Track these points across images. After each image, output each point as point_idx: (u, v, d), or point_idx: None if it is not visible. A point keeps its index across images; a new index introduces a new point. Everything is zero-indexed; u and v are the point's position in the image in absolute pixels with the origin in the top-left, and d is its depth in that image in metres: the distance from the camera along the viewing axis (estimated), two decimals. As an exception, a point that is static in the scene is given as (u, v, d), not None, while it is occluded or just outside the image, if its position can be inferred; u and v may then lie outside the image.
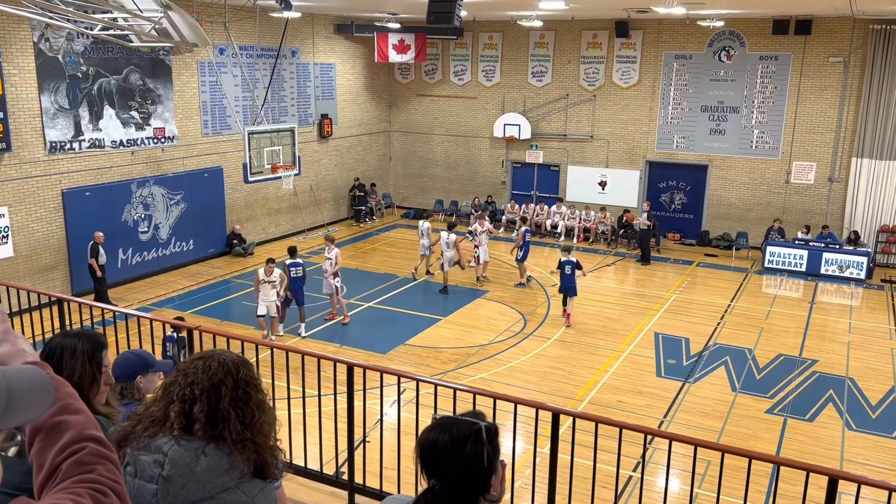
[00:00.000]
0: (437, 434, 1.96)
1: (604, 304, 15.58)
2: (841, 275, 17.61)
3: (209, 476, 1.90)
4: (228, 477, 1.92)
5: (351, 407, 5.60)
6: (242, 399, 2.02)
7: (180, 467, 1.89)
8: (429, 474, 1.97)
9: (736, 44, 19.51)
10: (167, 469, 1.90)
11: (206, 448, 1.93)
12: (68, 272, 14.96)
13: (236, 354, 2.13)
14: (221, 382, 2.00)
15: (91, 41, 14.67)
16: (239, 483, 1.94)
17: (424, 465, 1.97)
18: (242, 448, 1.97)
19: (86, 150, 15.09)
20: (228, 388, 2.00)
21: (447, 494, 1.94)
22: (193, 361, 2.06)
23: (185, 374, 2.02)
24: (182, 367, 2.07)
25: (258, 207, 19.82)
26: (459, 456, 1.92)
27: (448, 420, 2.00)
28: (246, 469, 1.97)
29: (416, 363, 12.16)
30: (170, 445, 1.93)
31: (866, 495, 4.34)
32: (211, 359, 2.05)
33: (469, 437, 1.94)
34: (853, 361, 12.66)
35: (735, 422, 10.40)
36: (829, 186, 19.24)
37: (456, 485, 1.93)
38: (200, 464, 1.90)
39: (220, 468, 1.92)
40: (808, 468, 4.28)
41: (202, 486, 1.89)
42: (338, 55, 21.95)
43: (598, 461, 4.82)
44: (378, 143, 24.31)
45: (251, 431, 2.00)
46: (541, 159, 22.48)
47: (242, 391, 2.03)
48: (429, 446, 1.96)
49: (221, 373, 2.01)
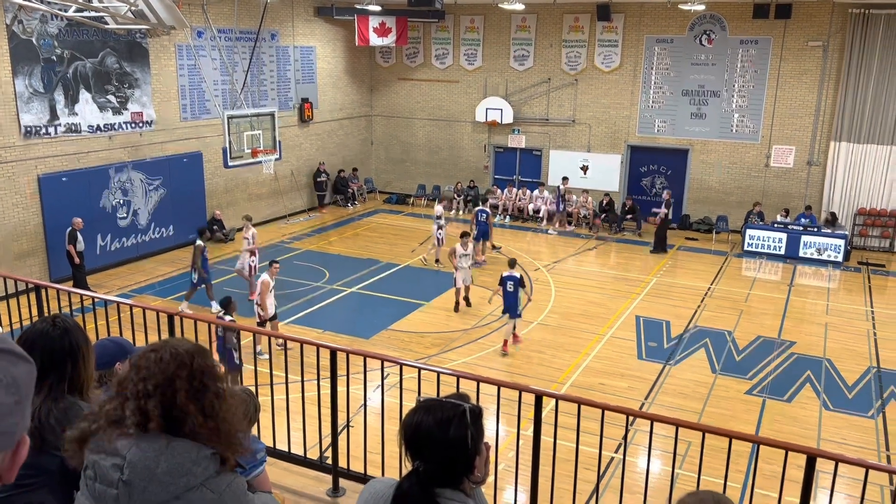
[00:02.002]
0: (422, 416, 1.96)
1: (586, 287, 15.66)
2: (819, 257, 17.83)
3: (171, 477, 1.82)
4: (192, 476, 1.84)
5: (334, 392, 5.59)
6: (199, 390, 1.92)
7: (140, 470, 1.81)
8: (413, 456, 1.97)
9: (717, 28, 19.56)
10: (126, 473, 1.82)
11: (168, 448, 1.85)
12: (46, 259, 14.78)
13: (190, 343, 2.02)
14: (175, 375, 1.90)
15: (65, 23, 14.40)
16: (205, 480, 1.86)
17: (409, 447, 1.97)
18: (208, 440, 1.90)
19: (62, 134, 14.86)
20: (183, 381, 1.90)
21: (432, 476, 1.94)
22: (146, 354, 1.95)
23: (138, 368, 1.92)
24: (134, 360, 1.96)
25: (238, 192, 19.65)
26: (444, 438, 1.93)
27: (432, 402, 2.00)
28: (211, 465, 1.89)
29: (400, 348, 12.17)
30: (128, 448, 1.84)
31: (843, 473, 4.42)
32: (163, 350, 1.95)
33: (453, 418, 1.94)
34: (830, 343, 12.85)
35: (715, 403, 10.53)
36: (808, 170, 19.42)
37: (441, 466, 1.94)
38: (161, 465, 1.82)
39: (182, 468, 1.84)
40: (787, 447, 4.34)
41: (164, 487, 1.82)
42: (318, 38, 21.73)
43: (581, 443, 4.85)
44: (359, 128, 24.16)
45: (215, 421, 1.93)
46: (523, 144, 22.47)
47: (199, 382, 1.93)
48: (413, 428, 1.96)
49: (174, 365, 1.91)
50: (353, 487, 5.58)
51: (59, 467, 2.52)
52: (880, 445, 9.60)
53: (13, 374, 1.12)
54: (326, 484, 5.61)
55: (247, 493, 2.00)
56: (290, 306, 13.88)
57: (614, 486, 7.86)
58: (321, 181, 21.94)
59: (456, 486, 1.96)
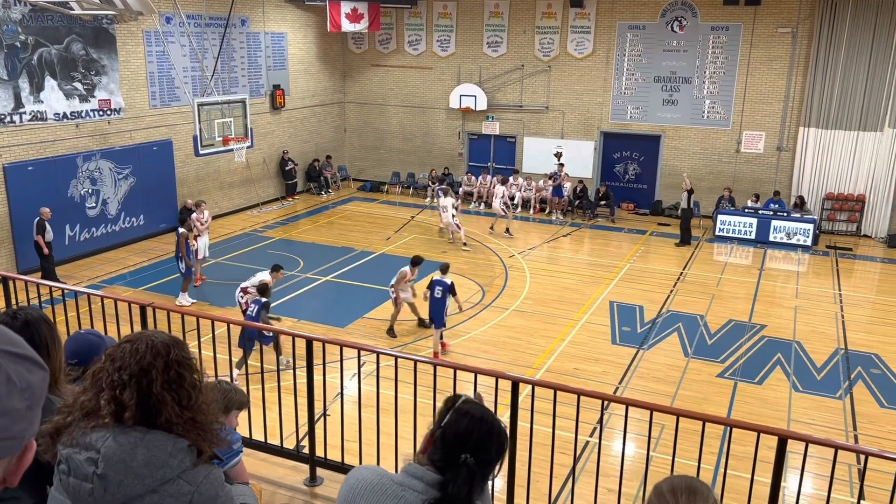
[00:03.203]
0: (489, 415, 2.04)
1: (560, 274, 15.76)
2: (788, 242, 18.12)
3: (147, 469, 1.82)
4: (168, 468, 1.84)
5: (311, 381, 5.57)
6: (175, 381, 1.92)
7: (115, 464, 1.81)
8: (462, 449, 1.97)
9: (688, 14, 19.68)
10: (101, 467, 1.80)
11: (143, 440, 1.84)
12: (12, 250, 14.49)
13: (167, 334, 2.02)
14: (151, 365, 1.90)
15: (29, 9, 14.06)
16: (181, 473, 1.86)
17: (464, 440, 1.98)
18: (184, 431, 1.90)
19: (27, 122, 14.54)
20: (159, 371, 1.90)
21: (481, 468, 1.99)
22: (121, 345, 1.95)
23: (113, 359, 1.91)
24: (110, 351, 1.95)
25: (210, 181, 19.42)
26: (500, 438, 2.04)
27: (482, 406, 2.09)
28: (188, 458, 1.89)
29: (376, 336, 12.16)
30: (103, 441, 1.83)
31: (812, 453, 4.51)
32: (139, 341, 1.95)
33: (500, 424, 2.07)
34: (800, 325, 13.08)
35: (687, 386, 10.68)
36: (777, 155, 19.69)
37: (488, 461, 2.01)
38: (137, 458, 1.82)
39: (158, 461, 1.83)
40: (759, 429, 4.42)
41: (140, 480, 1.81)
42: (289, 24, 21.47)
43: (557, 428, 4.90)
44: (332, 115, 23.97)
45: (191, 412, 1.93)
46: (497, 131, 22.47)
47: (175, 373, 1.93)
48: (484, 426, 2.01)
49: (150, 355, 1.91)
50: (330, 476, 5.58)
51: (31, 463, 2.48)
52: (847, 425, 9.82)
53: (28, 380, 1.13)
54: (304, 473, 5.60)
55: (224, 484, 1.99)
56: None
57: (590, 470, 7.95)
58: (289, 169, 21.70)
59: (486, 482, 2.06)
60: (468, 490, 1.93)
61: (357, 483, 2.04)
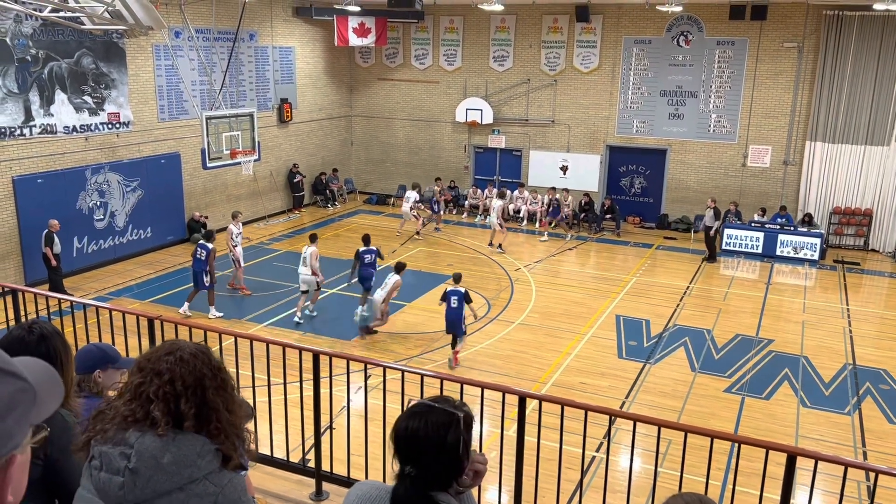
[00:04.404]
0: (416, 422, 1.96)
1: (566, 287, 15.73)
2: (795, 256, 18.06)
3: (177, 467, 1.87)
4: (196, 468, 1.90)
5: (317, 394, 5.57)
6: (222, 386, 2.01)
7: (147, 459, 1.86)
8: (403, 460, 1.97)
9: (694, 29, 19.75)
10: (133, 461, 1.86)
11: (175, 439, 1.90)
12: (21, 262, 14.56)
13: (195, 343, 2.10)
14: (203, 374, 1.97)
15: (40, 23, 14.20)
16: (208, 474, 1.91)
17: (400, 452, 1.97)
18: (227, 436, 1.96)
19: (37, 135, 14.65)
20: (209, 378, 1.98)
21: (424, 480, 1.95)
22: (161, 358, 1.99)
23: (158, 373, 1.96)
24: (148, 365, 1.99)
25: (217, 194, 19.50)
26: (440, 443, 1.94)
27: (425, 407, 2.00)
28: (215, 460, 1.94)
29: (382, 349, 12.15)
30: (136, 437, 1.90)
31: (821, 470, 4.48)
32: (180, 350, 2.01)
33: (449, 424, 1.95)
34: (807, 340, 13.02)
35: (694, 401, 10.62)
36: (784, 169, 19.67)
37: (433, 471, 1.95)
38: (167, 455, 1.87)
39: (188, 459, 1.89)
40: (768, 446, 4.40)
41: (170, 477, 1.87)
42: (297, 38, 21.62)
43: (564, 443, 4.88)
44: (339, 128, 24.07)
45: (234, 416, 2.01)
46: (503, 144, 22.52)
47: (220, 379, 2.01)
48: (408, 433, 1.96)
49: (199, 364, 1.99)
50: (336, 491, 5.57)
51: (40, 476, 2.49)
52: (856, 442, 9.74)
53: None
54: (310, 487, 5.59)
55: (246, 491, 2.04)
56: (270, 308, 13.80)
57: (597, 486, 7.90)
58: (296, 182, 21.83)
59: (446, 489, 1.97)
60: (416, 493, 1.95)
61: (359, 498, 2.06)
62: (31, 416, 1.14)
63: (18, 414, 1.11)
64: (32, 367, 1.22)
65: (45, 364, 1.26)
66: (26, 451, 1.17)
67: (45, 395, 1.18)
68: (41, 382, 1.18)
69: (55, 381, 1.25)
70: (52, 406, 1.22)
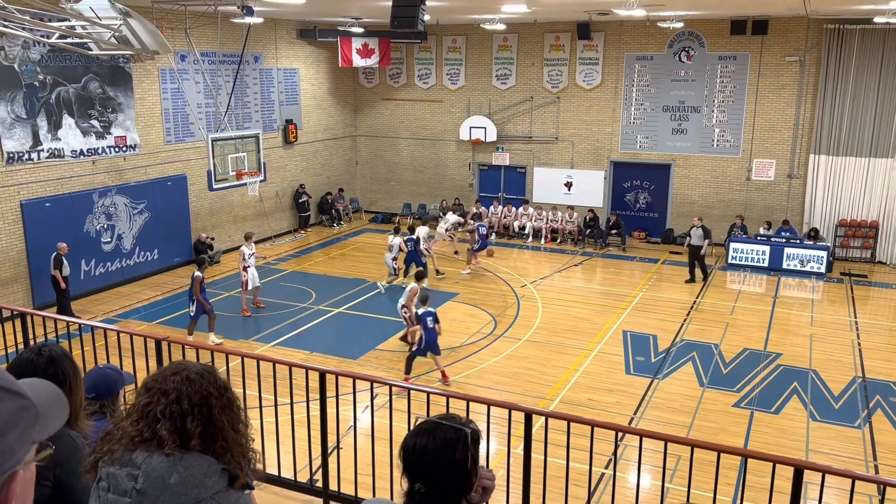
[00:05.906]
0: (424, 439, 1.98)
1: (572, 303, 15.72)
2: (802, 269, 18.00)
3: (184, 487, 1.88)
4: (203, 488, 1.91)
5: (324, 414, 5.58)
6: (228, 406, 2.03)
7: (153, 480, 1.88)
8: (413, 478, 1.98)
9: (695, 44, 19.85)
10: (140, 482, 1.88)
11: (181, 460, 1.91)
12: (29, 285, 14.65)
13: (201, 363, 2.12)
14: (209, 393, 2.00)
15: (48, 49, 14.39)
16: (214, 494, 1.92)
17: (408, 469, 1.99)
18: (232, 455, 1.97)
19: (45, 160, 14.80)
20: (215, 397, 2.00)
21: (433, 498, 1.96)
22: (167, 378, 2.02)
23: (165, 392, 1.98)
24: (155, 385, 2.02)
25: (224, 215, 19.61)
26: (449, 460, 1.96)
27: (432, 424, 2.02)
28: (222, 480, 1.95)
29: (388, 368, 12.14)
30: (143, 458, 1.91)
31: (831, 484, 4.46)
32: (186, 370, 2.03)
33: (457, 441, 1.97)
34: (816, 354, 12.95)
35: (703, 416, 10.57)
36: (788, 183, 19.67)
37: (441, 489, 1.96)
38: (174, 475, 1.89)
39: (195, 479, 1.90)
40: (774, 460, 4.38)
41: (177, 497, 1.88)
42: (301, 60, 21.83)
43: (571, 459, 4.87)
44: (344, 148, 24.22)
45: (240, 435, 2.02)
46: (507, 161, 22.61)
47: (226, 398, 2.03)
48: (415, 452, 1.98)
49: (205, 383, 2.01)
50: (343, 510, 5.56)
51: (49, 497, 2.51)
52: (867, 455, 9.66)
53: None
54: (317, 507, 5.58)
55: None
56: (276, 328, 13.83)
57: (605, 503, 7.86)
58: (302, 202, 21.94)
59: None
60: None
61: None
62: (33, 433, 1.15)
63: (20, 430, 1.12)
64: (36, 386, 1.23)
65: (50, 384, 1.28)
66: (30, 468, 1.18)
67: (48, 412, 1.19)
68: (44, 400, 1.19)
69: (59, 400, 1.27)
70: (55, 424, 1.23)
